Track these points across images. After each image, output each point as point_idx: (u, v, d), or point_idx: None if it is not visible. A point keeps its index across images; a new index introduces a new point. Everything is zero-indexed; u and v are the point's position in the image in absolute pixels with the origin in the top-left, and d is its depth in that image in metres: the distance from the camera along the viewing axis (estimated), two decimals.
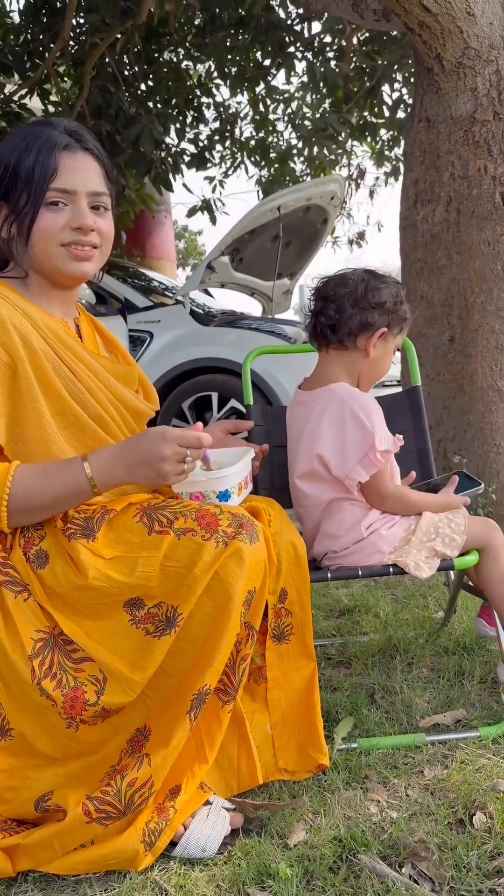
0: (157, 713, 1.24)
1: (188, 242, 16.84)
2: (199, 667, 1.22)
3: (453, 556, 1.56)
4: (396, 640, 2.01)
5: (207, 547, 1.22)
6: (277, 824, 1.30)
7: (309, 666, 1.46)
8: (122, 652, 1.22)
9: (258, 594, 1.28)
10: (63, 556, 1.25)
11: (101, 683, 1.20)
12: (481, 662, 1.82)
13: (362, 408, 1.54)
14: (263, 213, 4.68)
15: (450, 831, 1.25)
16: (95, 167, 1.36)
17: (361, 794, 1.37)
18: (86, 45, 5.54)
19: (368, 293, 1.59)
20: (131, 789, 1.19)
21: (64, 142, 1.33)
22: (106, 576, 1.22)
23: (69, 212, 1.32)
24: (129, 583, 1.22)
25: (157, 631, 1.22)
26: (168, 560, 1.23)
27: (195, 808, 1.28)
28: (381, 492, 1.59)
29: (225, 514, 1.27)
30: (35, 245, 1.32)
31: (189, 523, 1.25)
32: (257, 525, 1.29)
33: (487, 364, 2.96)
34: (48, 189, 1.30)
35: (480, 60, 2.88)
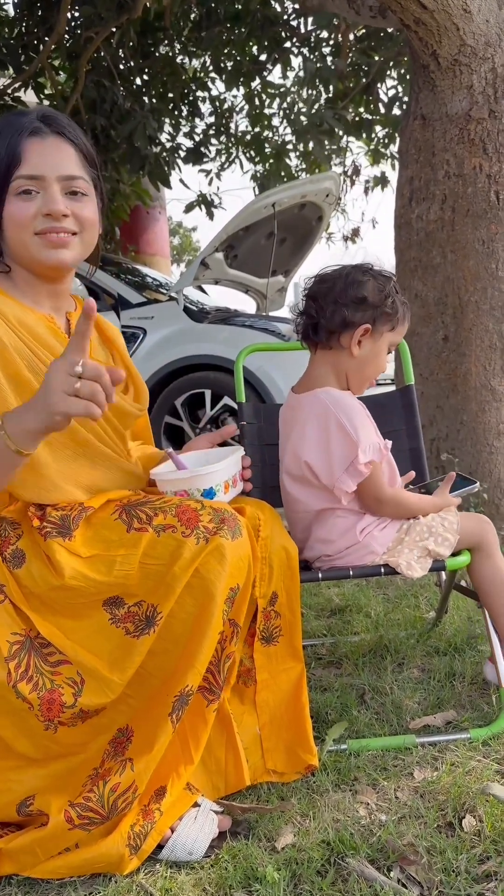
0: (139, 713, 1.22)
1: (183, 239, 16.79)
2: (182, 667, 1.20)
3: (446, 556, 1.55)
4: (387, 640, 2.00)
5: (188, 544, 1.19)
6: (265, 827, 1.29)
7: (297, 667, 1.45)
8: (102, 652, 1.20)
9: (242, 590, 1.27)
10: (40, 555, 1.23)
11: (78, 685, 1.19)
12: (472, 663, 1.81)
13: (347, 415, 1.50)
14: (258, 210, 4.66)
15: (439, 834, 1.24)
16: (69, 150, 1.31)
17: (350, 796, 1.36)
18: (81, 39, 5.50)
19: (348, 288, 1.52)
20: (114, 794, 1.17)
21: (31, 127, 1.28)
22: (83, 575, 1.20)
23: (41, 199, 1.27)
24: (106, 581, 1.20)
25: (136, 630, 1.20)
26: (147, 558, 1.21)
27: (183, 811, 1.27)
28: (378, 497, 1.56)
29: (206, 510, 1.25)
30: (10, 237, 1.29)
31: (169, 519, 1.23)
32: (240, 520, 1.27)
33: (481, 363, 2.94)
34: (15, 177, 1.26)
35: (476, 58, 2.87)
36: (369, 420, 1.56)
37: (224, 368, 4.53)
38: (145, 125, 5.50)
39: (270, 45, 5.97)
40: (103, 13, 5.16)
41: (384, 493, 1.56)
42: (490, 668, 1.68)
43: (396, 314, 1.55)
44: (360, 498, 1.58)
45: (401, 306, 1.57)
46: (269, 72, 6.43)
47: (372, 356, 1.57)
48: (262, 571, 1.39)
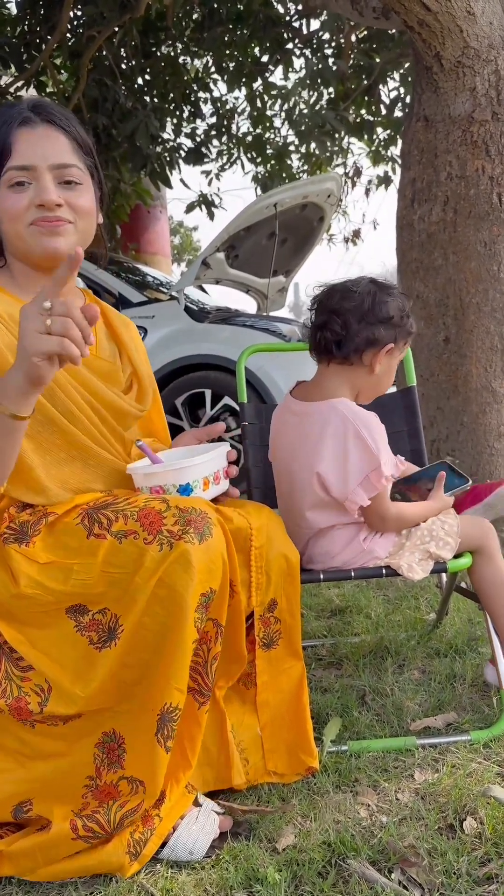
0: (126, 719, 1.19)
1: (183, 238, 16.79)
2: (159, 682, 1.16)
3: (448, 559, 1.55)
4: (388, 641, 2.00)
5: (150, 551, 1.14)
6: (266, 828, 1.29)
7: (297, 666, 1.43)
8: (67, 661, 1.17)
9: (219, 591, 1.21)
10: (3, 562, 1.20)
11: (45, 693, 1.16)
12: (472, 665, 1.81)
13: (367, 428, 1.47)
14: (260, 210, 4.66)
15: (440, 836, 1.24)
16: (61, 139, 1.28)
17: (351, 797, 1.36)
18: (83, 38, 5.50)
19: (375, 307, 1.51)
20: (121, 811, 1.16)
21: (21, 117, 1.26)
22: (38, 583, 1.16)
23: (32, 190, 1.25)
24: (64, 591, 1.16)
25: (99, 642, 1.16)
26: (109, 566, 1.16)
27: (183, 811, 1.27)
28: (382, 514, 1.55)
29: (171, 510, 1.18)
30: (5, 230, 1.28)
31: (130, 524, 1.17)
32: (210, 517, 1.19)
33: (482, 365, 2.95)
34: (6, 169, 1.24)
35: (480, 60, 2.87)
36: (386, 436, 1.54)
37: (224, 368, 4.53)
38: (147, 124, 5.50)
39: (272, 46, 5.97)
40: (106, 12, 5.16)
41: (389, 511, 1.55)
42: (491, 670, 1.68)
43: (412, 332, 1.58)
44: (365, 515, 1.56)
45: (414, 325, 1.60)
46: (271, 73, 6.43)
47: (386, 373, 1.57)
48: (258, 581, 1.34)
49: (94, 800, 1.18)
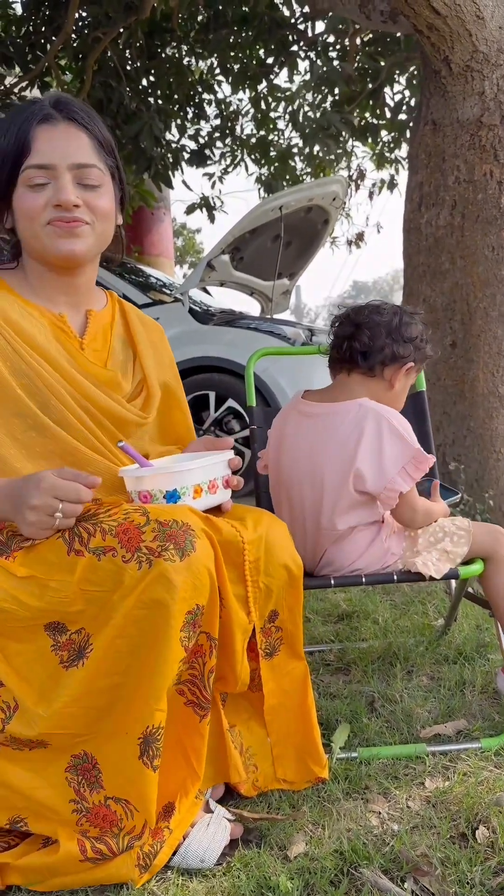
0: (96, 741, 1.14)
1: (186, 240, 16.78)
2: (137, 705, 1.11)
3: (463, 553, 1.55)
4: (396, 647, 1.99)
5: (128, 570, 1.09)
6: (277, 835, 1.28)
7: (299, 666, 1.39)
8: (35, 680, 1.13)
9: (209, 604, 1.16)
10: None
11: (10, 711, 1.12)
12: (482, 672, 1.80)
13: (398, 421, 1.52)
14: (265, 213, 4.66)
15: (452, 845, 1.23)
16: (82, 137, 1.26)
17: (362, 805, 1.36)
18: (88, 39, 5.50)
19: (402, 326, 1.58)
20: (129, 836, 1.13)
21: (42, 113, 1.23)
22: (13, 597, 1.12)
23: (50, 190, 1.23)
24: (39, 607, 1.12)
25: (67, 660, 1.13)
26: (88, 584, 1.11)
27: (192, 818, 1.26)
28: (414, 506, 1.57)
29: (150, 525, 1.11)
30: (22, 229, 1.26)
31: (109, 540, 1.12)
32: (193, 530, 1.13)
33: (489, 370, 2.94)
34: (25, 167, 1.22)
35: (489, 64, 2.87)
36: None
37: (228, 370, 4.53)
38: (152, 126, 5.50)
39: (277, 49, 5.97)
40: (111, 13, 5.16)
41: (418, 503, 1.58)
42: (502, 678, 1.67)
43: (429, 357, 1.65)
44: (397, 508, 1.56)
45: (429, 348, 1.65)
46: (275, 75, 6.43)
47: (403, 391, 1.63)
48: (255, 596, 1.28)
49: (94, 827, 1.15)
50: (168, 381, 1.52)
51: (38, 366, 1.26)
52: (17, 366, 1.24)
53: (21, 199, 1.24)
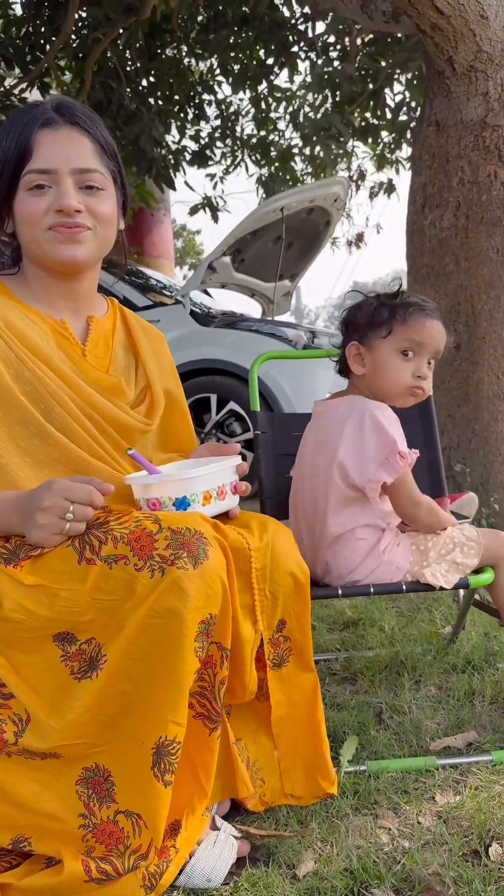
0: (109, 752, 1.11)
1: (186, 241, 16.75)
2: (151, 715, 1.09)
3: (474, 565, 1.52)
4: (403, 655, 1.96)
5: (140, 578, 1.07)
6: (285, 853, 1.25)
7: (309, 677, 1.36)
8: (45, 691, 1.10)
9: (221, 615, 1.14)
10: None
11: (22, 723, 1.09)
12: (492, 682, 1.78)
13: (382, 415, 1.52)
14: (266, 214, 4.63)
15: (465, 863, 1.20)
16: (85, 142, 1.24)
17: (371, 821, 1.33)
18: (88, 40, 5.47)
19: (343, 320, 1.65)
20: (134, 855, 1.10)
21: (44, 117, 1.21)
22: (23, 607, 1.09)
23: (51, 194, 1.22)
24: (49, 616, 1.09)
25: (79, 672, 1.10)
26: (99, 593, 1.09)
27: (198, 835, 1.23)
28: (414, 499, 1.55)
29: (163, 533, 1.10)
30: (23, 234, 1.24)
31: (121, 548, 1.10)
32: (205, 538, 1.11)
33: (494, 372, 2.91)
34: (26, 172, 1.20)
35: (493, 64, 2.84)
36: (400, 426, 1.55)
37: (230, 373, 4.50)
38: (152, 127, 5.48)
39: (277, 49, 5.94)
40: (111, 14, 5.13)
41: (419, 495, 1.55)
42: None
43: (385, 319, 1.57)
44: (396, 502, 1.56)
45: (398, 309, 1.56)
46: (275, 75, 6.41)
47: (378, 368, 1.57)
48: (262, 604, 1.25)
49: (100, 843, 1.11)
50: (170, 388, 1.50)
51: (40, 372, 1.23)
52: (21, 372, 1.22)
53: (22, 204, 1.22)
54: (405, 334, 1.55)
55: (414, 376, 1.56)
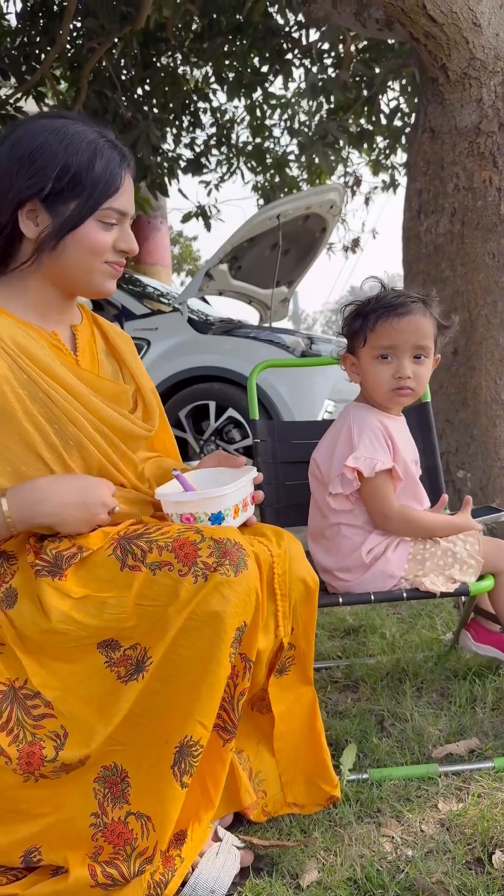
0: (128, 753, 1.14)
1: (183, 248, 16.78)
2: (178, 713, 1.11)
3: (471, 582, 1.52)
4: (405, 662, 1.96)
5: (185, 583, 1.11)
6: (289, 863, 1.25)
7: (308, 692, 1.39)
8: (92, 698, 1.12)
9: (251, 626, 1.18)
10: (32, 595, 1.16)
11: (61, 739, 1.11)
12: (493, 688, 1.78)
13: (359, 427, 1.55)
14: (263, 222, 4.65)
15: (468, 871, 1.20)
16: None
17: (374, 829, 1.33)
18: (83, 50, 5.49)
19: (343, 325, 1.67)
20: (140, 858, 1.11)
21: (128, 161, 1.29)
22: (71, 618, 1.12)
23: (116, 232, 1.28)
24: (97, 625, 1.12)
25: (126, 675, 1.12)
26: (143, 598, 1.12)
27: (201, 846, 1.23)
28: (384, 513, 1.55)
29: (206, 542, 1.14)
30: (72, 256, 1.25)
31: (165, 556, 1.14)
32: (245, 549, 1.17)
33: (491, 377, 2.92)
34: (106, 206, 1.25)
35: (486, 71, 2.86)
36: (384, 441, 1.55)
37: (228, 380, 4.51)
38: (148, 135, 5.49)
39: (272, 57, 5.97)
40: (106, 24, 5.15)
41: (391, 508, 1.54)
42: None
43: (360, 328, 1.58)
44: (368, 513, 1.57)
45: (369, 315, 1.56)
46: (270, 83, 6.43)
47: (364, 376, 1.62)
48: (284, 610, 1.28)
49: (108, 844, 1.12)
50: (152, 389, 1.52)
51: (53, 391, 1.23)
52: (35, 393, 1.22)
53: (93, 233, 1.25)
54: (376, 341, 1.56)
55: (394, 377, 1.56)
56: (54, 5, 5.42)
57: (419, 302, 1.56)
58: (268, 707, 1.37)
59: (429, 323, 1.55)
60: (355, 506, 1.57)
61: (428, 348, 1.57)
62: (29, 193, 1.21)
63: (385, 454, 1.53)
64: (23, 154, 1.21)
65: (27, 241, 1.25)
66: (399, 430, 1.61)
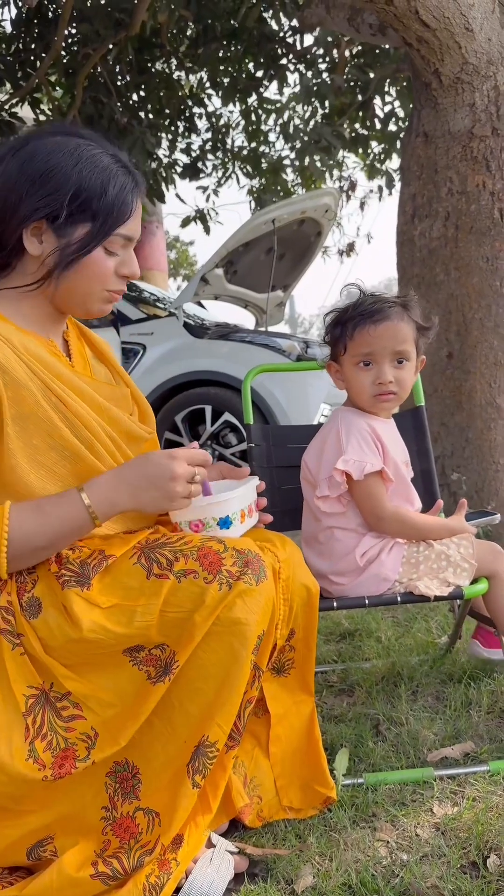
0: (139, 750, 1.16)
1: (179, 253, 16.80)
2: (200, 715, 1.14)
3: (465, 585, 1.52)
4: (400, 666, 1.96)
5: (210, 590, 1.13)
6: (284, 868, 1.25)
7: (308, 701, 1.41)
8: (123, 697, 1.14)
9: (267, 635, 1.21)
10: (57, 604, 1.16)
11: (91, 739, 1.13)
12: (488, 692, 1.77)
13: (346, 430, 1.55)
14: (258, 226, 4.66)
15: (463, 875, 1.20)
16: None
17: (370, 833, 1.33)
18: (78, 56, 5.51)
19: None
20: (141, 850, 1.13)
21: (141, 187, 1.27)
22: (102, 627, 1.13)
23: (119, 256, 1.27)
24: (127, 633, 1.14)
25: (156, 676, 1.14)
26: (168, 606, 1.14)
27: (196, 852, 1.23)
28: (377, 514, 1.55)
29: (229, 552, 1.17)
30: (73, 280, 1.24)
31: (191, 564, 1.16)
32: (264, 561, 1.20)
33: (486, 380, 2.93)
34: (118, 233, 1.24)
35: (479, 76, 2.87)
36: (372, 443, 1.55)
37: (225, 384, 4.51)
38: (143, 140, 5.51)
39: (267, 62, 5.98)
40: (101, 30, 5.17)
41: (384, 510, 1.55)
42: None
43: (339, 336, 1.60)
44: (362, 515, 1.58)
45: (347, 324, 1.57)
46: (265, 88, 6.44)
47: (347, 382, 1.63)
48: (284, 613, 1.31)
49: (115, 837, 1.15)
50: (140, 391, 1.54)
51: (66, 395, 1.23)
52: (49, 398, 1.21)
53: (100, 259, 1.24)
54: (355, 349, 1.57)
55: (375, 383, 1.56)
56: (49, 12, 5.43)
57: (397, 306, 1.56)
58: (264, 708, 1.38)
59: (407, 327, 1.55)
60: (347, 508, 1.57)
61: (408, 352, 1.57)
62: (38, 216, 1.20)
63: (374, 456, 1.53)
64: (34, 173, 1.19)
65: (30, 256, 1.24)
66: (388, 432, 1.61)
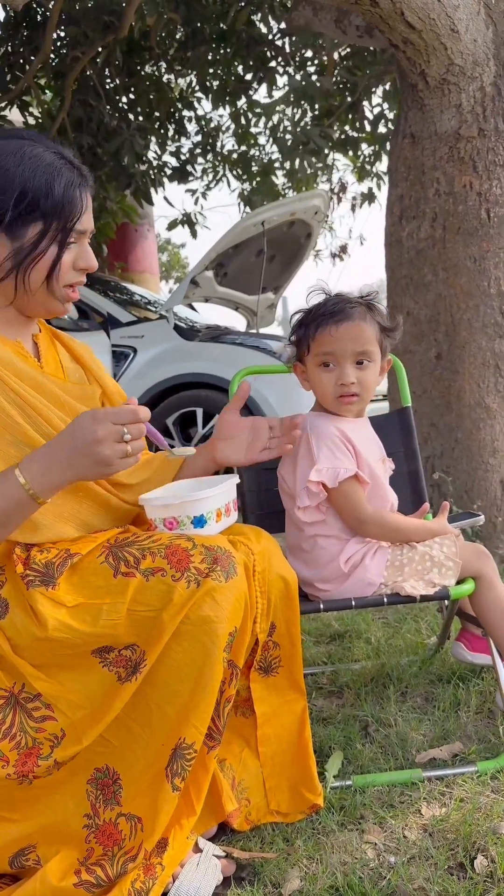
0: (119, 756, 1.16)
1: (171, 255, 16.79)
2: (176, 717, 1.14)
3: (451, 585, 1.52)
4: (389, 667, 1.96)
5: (178, 588, 1.12)
6: (271, 872, 1.25)
7: (299, 700, 1.39)
8: (95, 698, 1.14)
9: (240, 631, 1.20)
10: (23, 605, 1.16)
11: (57, 740, 1.13)
12: (476, 692, 1.77)
13: (317, 437, 1.53)
14: (247, 228, 4.66)
15: (450, 877, 1.20)
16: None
17: (357, 836, 1.32)
18: (67, 59, 5.50)
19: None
20: (125, 857, 1.12)
21: (88, 180, 1.26)
22: (67, 626, 1.13)
23: (75, 249, 1.26)
24: (93, 633, 1.13)
25: (126, 676, 1.14)
26: (136, 604, 1.14)
27: (182, 856, 1.22)
28: (358, 517, 1.54)
29: (198, 549, 1.16)
30: (33, 280, 1.24)
31: (158, 562, 1.15)
32: (234, 556, 1.19)
33: (475, 381, 2.93)
34: (74, 229, 1.23)
35: (465, 77, 2.87)
36: (344, 447, 1.54)
37: (216, 386, 4.51)
38: (132, 143, 5.50)
39: (256, 65, 5.99)
40: (89, 33, 5.16)
41: (364, 512, 1.54)
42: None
43: (303, 337, 1.59)
44: (343, 520, 1.56)
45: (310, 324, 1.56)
46: (254, 90, 6.45)
47: (312, 383, 1.62)
48: (262, 606, 1.31)
49: (99, 845, 1.14)
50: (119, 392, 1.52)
51: (25, 393, 1.23)
52: (8, 394, 1.21)
53: (52, 257, 1.24)
54: (317, 349, 1.56)
55: (337, 384, 1.55)
56: (37, 15, 5.42)
57: (360, 306, 1.54)
58: (251, 709, 1.37)
59: (370, 327, 1.53)
60: (327, 515, 1.56)
61: (370, 353, 1.54)
62: None
63: (347, 460, 1.52)
64: None
65: None
66: (358, 432, 1.59)
